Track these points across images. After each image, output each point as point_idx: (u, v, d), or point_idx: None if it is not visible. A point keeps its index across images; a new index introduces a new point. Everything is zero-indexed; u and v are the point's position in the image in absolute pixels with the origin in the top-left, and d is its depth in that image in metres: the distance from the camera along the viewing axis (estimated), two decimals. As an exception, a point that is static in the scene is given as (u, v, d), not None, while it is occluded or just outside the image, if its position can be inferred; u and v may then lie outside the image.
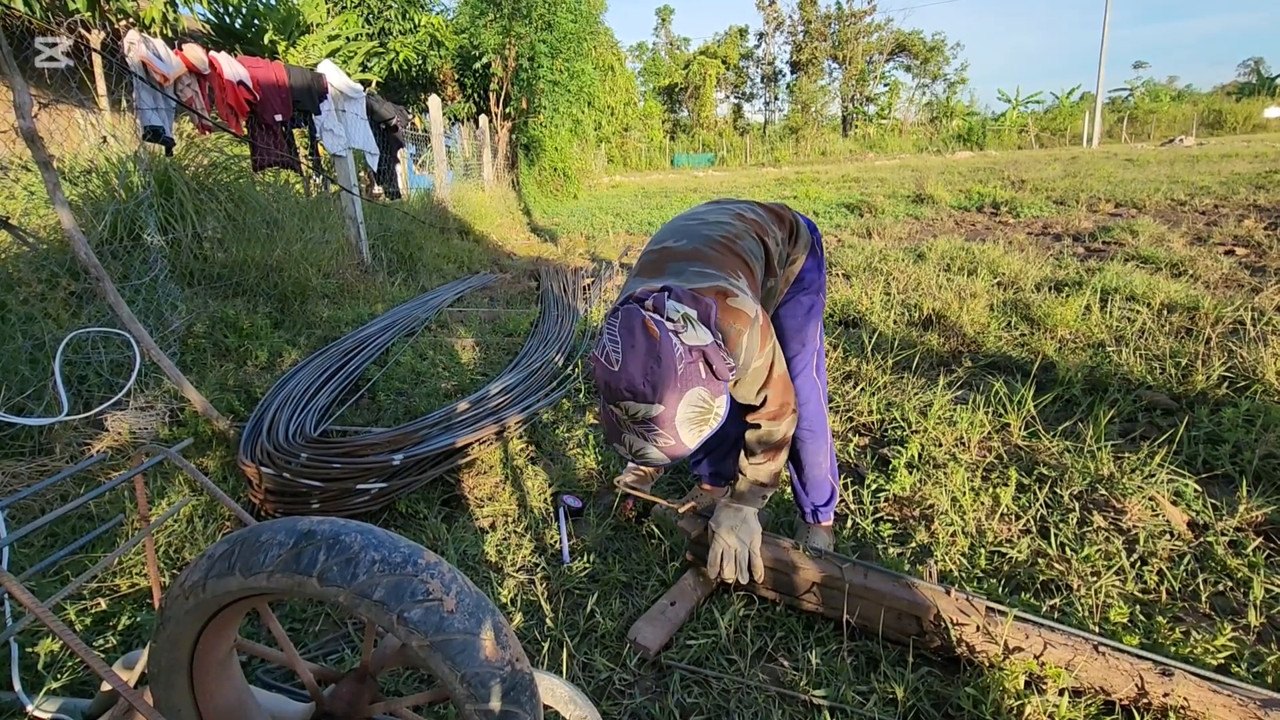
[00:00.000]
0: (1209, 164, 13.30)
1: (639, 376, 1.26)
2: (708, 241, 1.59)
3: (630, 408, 1.29)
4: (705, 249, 1.57)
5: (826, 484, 1.96)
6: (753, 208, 1.79)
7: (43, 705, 1.43)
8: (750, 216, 1.73)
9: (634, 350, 1.27)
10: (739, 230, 1.65)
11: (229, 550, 0.91)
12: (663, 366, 1.26)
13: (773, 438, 1.64)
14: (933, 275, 5.01)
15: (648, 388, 1.26)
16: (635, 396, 1.27)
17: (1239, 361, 3.00)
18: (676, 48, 48.01)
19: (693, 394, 1.30)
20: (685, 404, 1.29)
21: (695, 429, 1.33)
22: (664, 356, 1.26)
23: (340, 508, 2.24)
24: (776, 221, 1.79)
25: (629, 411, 1.30)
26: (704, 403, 1.32)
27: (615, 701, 1.53)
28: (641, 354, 1.26)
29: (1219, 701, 1.28)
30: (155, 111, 4.03)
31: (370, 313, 4.79)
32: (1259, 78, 43.01)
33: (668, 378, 1.27)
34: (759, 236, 1.68)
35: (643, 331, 1.28)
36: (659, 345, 1.27)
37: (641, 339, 1.27)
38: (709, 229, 1.64)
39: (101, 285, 2.49)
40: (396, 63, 12.88)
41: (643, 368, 1.26)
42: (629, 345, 1.27)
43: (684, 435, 1.32)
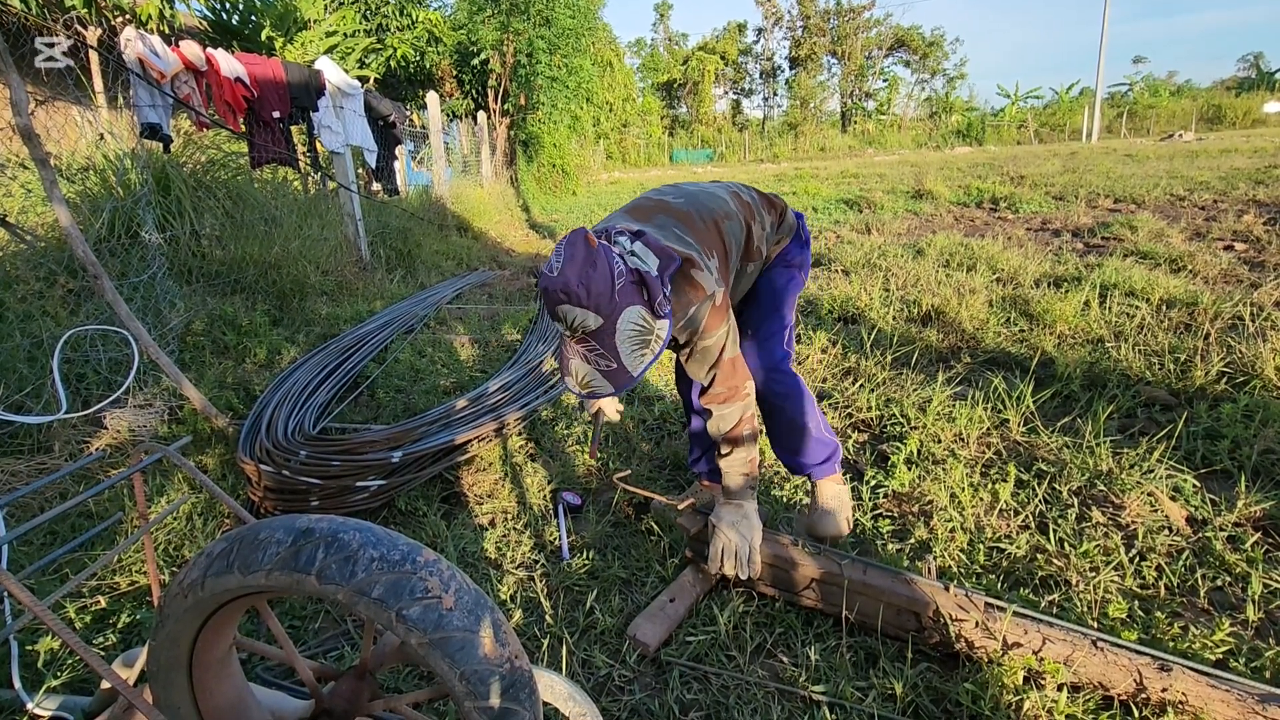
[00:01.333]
0: (1208, 159, 13.29)
1: (574, 279, 1.31)
2: (701, 213, 1.65)
3: (569, 314, 1.33)
4: (696, 219, 1.64)
5: (821, 441, 1.89)
6: (750, 191, 1.87)
7: (42, 703, 1.43)
8: (745, 199, 1.81)
9: (572, 259, 1.33)
10: (730, 211, 1.71)
11: (228, 548, 0.90)
12: (597, 272, 1.33)
13: (725, 424, 1.66)
14: (932, 271, 5.01)
15: (581, 290, 1.31)
16: (570, 299, 1.31)
17: (1238, 357, 3.00)
18: (675, 43, 47.88)
19: (631, 311, 1.36)
20: (624, 320, 1.35)
21: (637, 351, 1.38)
22: (598, 265, 1.34)
23: (339, 505, 2.24)
24: (768, 207, 1.86)
25: (569, 320, 1.34)
26: (644, 321, 1.38)
27: (615, 698, 1.54)
28: (579, 261, 1.33)
29: (1217, 696, 1.28)
30: (153, 109, 4.02)
31: (369, 310, 4.79)
32: (1258, 73, 42.96)
33: (601, 285, 1.33)
34: (746, 221, 1.75)
35: (583, 244, 1.35)
36: (595, 254, 1.35)
37: (581, 249, 1.34)
38: (707, 200, 1.71)
39: (100, 283, 2.49)
40: (394, 59, 12.85)
41: (578, 272, 1.32)
42: (569, 256, 1.34)
43: (625, 356, 1.37)
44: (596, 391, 1.41)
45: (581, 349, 1.39)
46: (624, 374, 1.39)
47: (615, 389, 1.41)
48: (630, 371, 1.39)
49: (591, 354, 1.38)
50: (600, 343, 1.36)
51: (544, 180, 14.92)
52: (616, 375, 1.39)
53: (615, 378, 1.39)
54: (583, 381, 1.42)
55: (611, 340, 1.36)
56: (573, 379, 1.43)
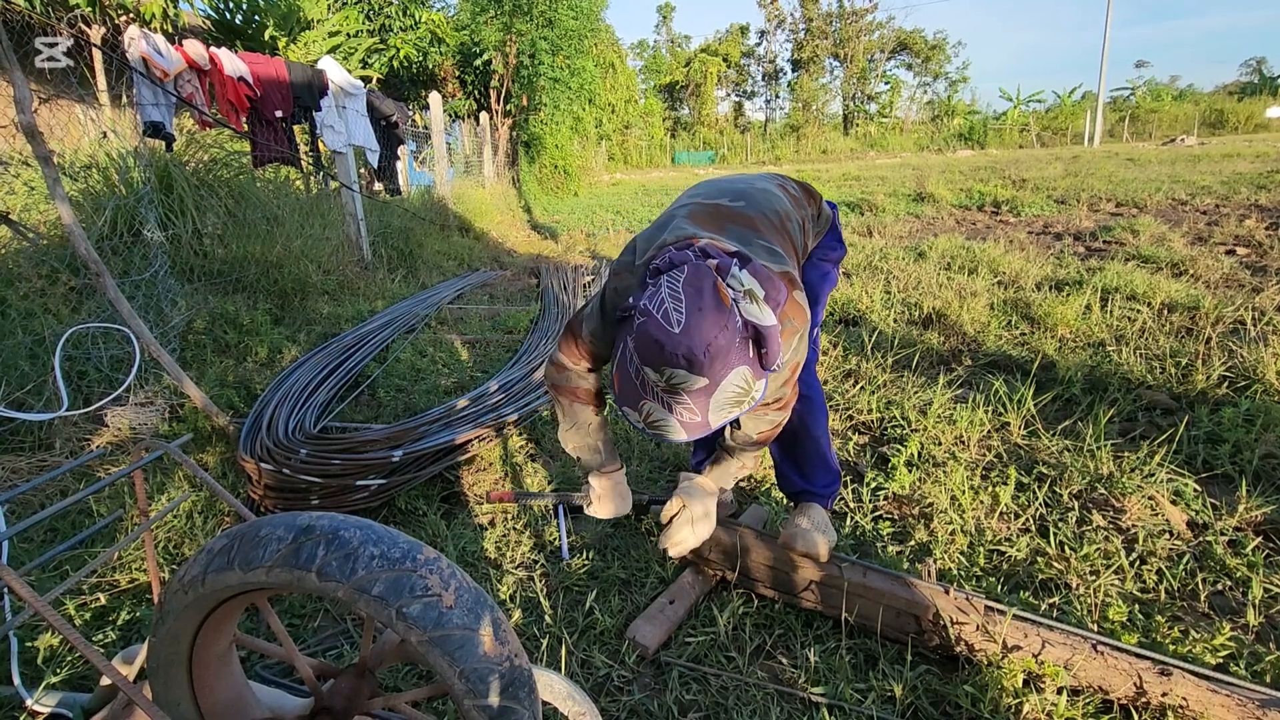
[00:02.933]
0: (1210, 163, 13.29)
1: (700, 345, 1.10)
2: (768, 215, 1.48)
3: (675, 375, 1.13)
4: (765, 224, 1.46)
5: (827, 467, 1.79)
6: (789, 182, 1.70)
7: (42, 699, 1.43)
8: (791, 191, 1.64)
9: (700, 314, 1.11)
10: (788, 210, 1.55)
11: (228, 545, 0.91)
12: (726, 334, 1.12)
13: (764, 427, 1.56)
14: (933, 274, 5.00)
15: (706, 359, 1.11)
16: (691, 366, 1.11)
17: (1239, 361, 3.00)
18: (677, 45, 47.94)
19: (738, 373, 1.16)
20: (729, 381, 1.16)
21: (728, 410, 1.20)
22: (729, 326, 1.13)
23: (340, 504, 2.24)
24: (808, 199, 1.71)
25: (669, 379, 1.14)
26: (745, 384, 1.18)
27: (614, 698, 1.53)
28: (709, 320, 1.11)
29: (1217, 701, 1.28)
30: (155, 107, 4.03)
31: (370, 309, 4.79)
32: (1261, 77, 42.98)
33: (725, 349, 1.12)
34: (800, 216, 1.60)
35: (713, 295, 1.13)
36: (728, 316, 1.13)
37: (711, 303, 1.12)
38: (766, 199, 1.53)
39: (101, 281, 2.49)
40: (397, 59, 12.86)
41: (706, 336, 1.11)
42: (695, 307, 1.12)
43: (713, 414, 1.19)
44: (662, 436, 1.24)
45: (668, 399, 1.19)
46: (703, 426, 1.21)
47: (687, 437, 1.23)
48: (710, 425, 1.21)
49: (677, 404, 1.18)
50: (694, 400, 1.17)
51: (546, 181, 14.93)
52: (695, 427, 1.21)
53: (692, 429, 1.21)
54: (651, 422, 1.23)
55: (706, 399, 1.17)
56: (637, 415, 1.24)
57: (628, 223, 10.31)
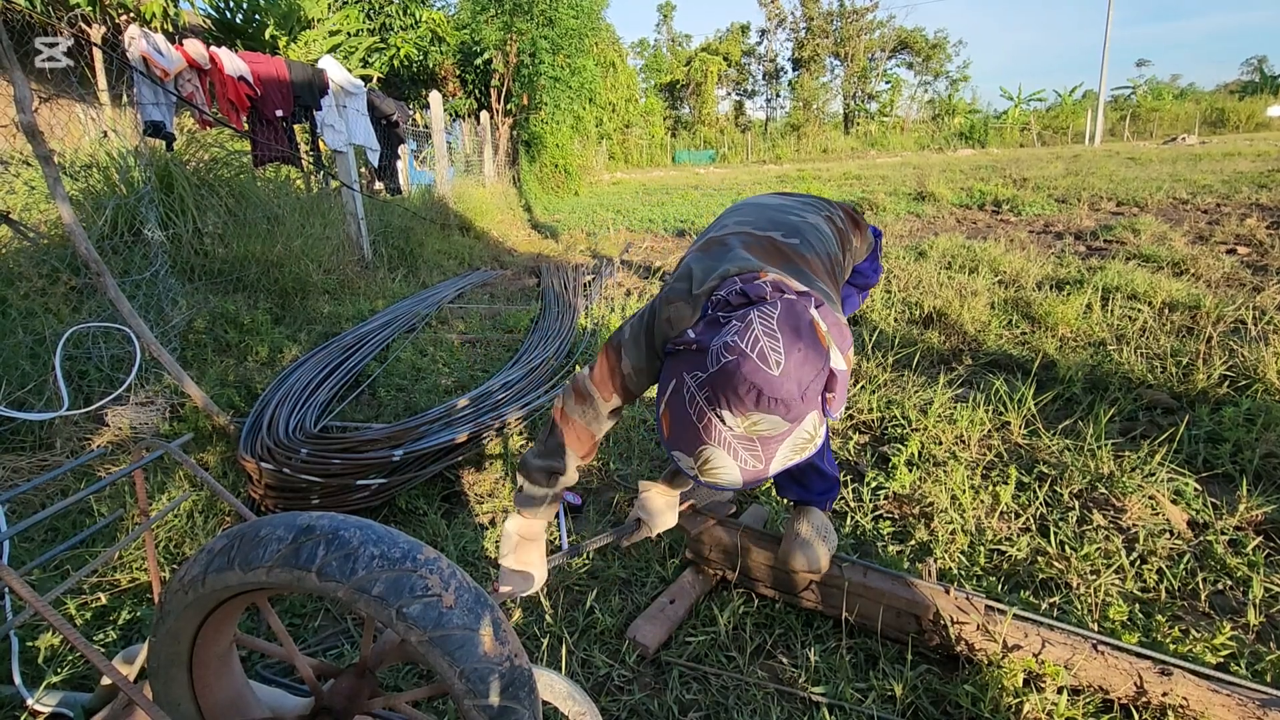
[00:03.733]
0: (1211, 163, 13.27)
1: (798, 390, 1.01)
2: (819, 256, 1.39)
3: (763, 424, 1.03)
4: (817, 264, 1.37)
5: (823, 474, 1.76)
6: (837, 213, 1.59)
7: (43, 699, 1.43)
8: (838, 224, 1.54)
9: (801, 355, 1.02)
10: (837, 252, 1.45)
11: (228, 545, 0.90)
12: (817, 379, 1.04)
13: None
14: (934, 273, 5.00)
15: (800, 405, 1.02)
16: (787, 412, 1.02)
17: (1240, 361, 3.00)
18: (678, 44, 47.90)
19: (811, 418, 1.08)
20: (801, 428, 1.07)
21: (791, 457, 1.11)
22: (822, 369, 1.05)
23: (340, 503, 2.24)
24: (854, 230, 1.61)
25: (754, 424, 1.04)
26: (813, 430, 1.10)
27: (614, 698, 1.54)
28: (809, 360, 1.03)
29: (1218, 700, 1.28)
30: (156, 106, 4.03)
31: (371, 309, 4.79)
32: (1262, 76, 42.88)
33: (813, 395, 1.05)
34: (844, 254, 1.50)
35: (812, 335, 1.05)
36: (825, 359, 1.05)
37: (810, 345, 1.04)
38: (815, 236, 1.43)
39: (102, 280, 2.49)
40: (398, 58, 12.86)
41: (804, 376, 1.02)
42: (794, 348, 1.02)
43: (777, 460, 1.10)
44: (715, 482, 1.12)
45: (737, 445, 1.08)
46: (763, 474, 1.11)
47: (744, 485, 1.13)
48: (770, 473, 1.12)
49: (746, 452, 1.09)
50: (764, 447, 1.08)
51: (546, 180, 14.92)
52: (756, 475, 1.11)
53: (753, 476, 1.11)
54: (705, 469, 1.11)
55: (777, 446, 1.08)
56: (691, 461, 1.12)
57: (628, 222, 10.31)
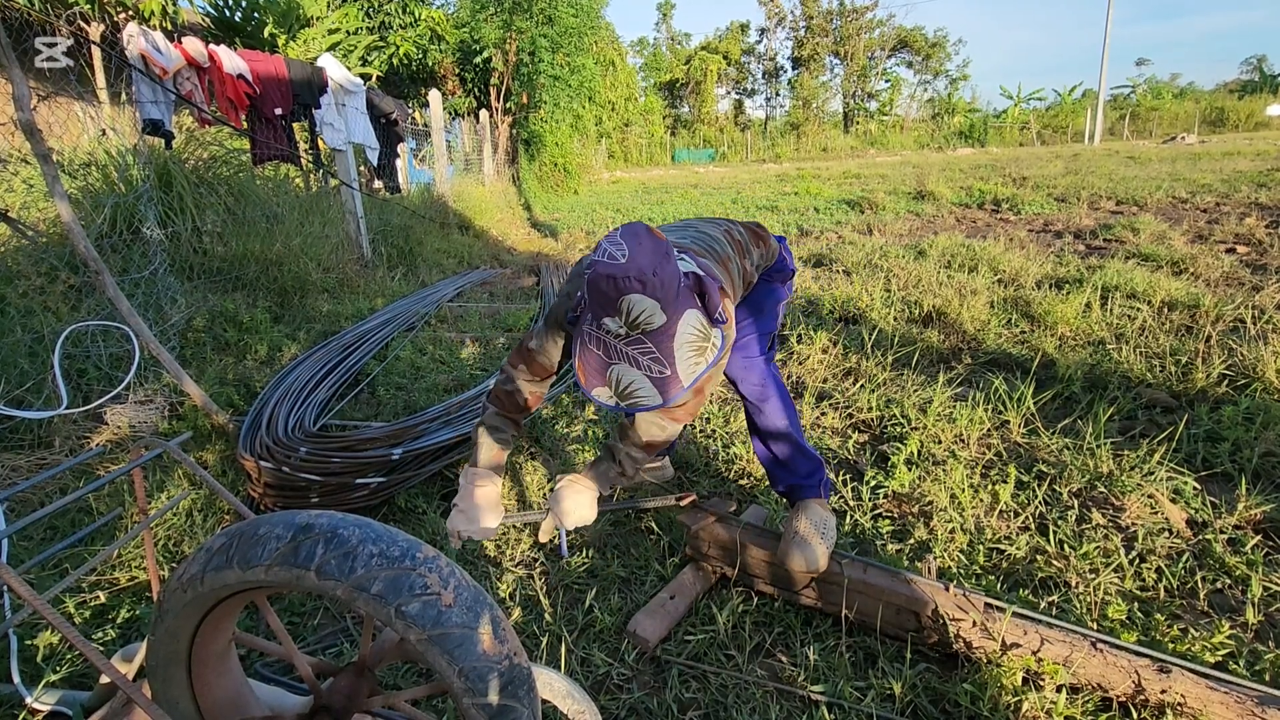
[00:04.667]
0: (1211, 162, 13.28)
1: (648, 266, 1.18)
2: (710, 253, 1.58)
3: (636, 305, 1.19)
4: (710, 256, 1.56)
5: (805, 454, 1.80)
6: (739, 228, 1.80)
7: (42, 697, 1.43)
8: (736, 236, 1.74)
9: (640, 245, 1.21)
10: (730, 253, 1.66)
11: (227, 543, 0.90)
12: (670, 266, 1.21)
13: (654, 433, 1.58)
14: (933, 272, 5.00)
15: (655, 279, 1.18)
16: (644, 286, 1.18)
17: (1239, 360, 3.00)
18: (678, 43, 47.86)
19: (691, 314, 1.25)
20: (685, 323, 1.24)
21: (693, 358, 1.27)
22: (670, 257, 1.23)
23: (339, 502, 2.24)
24: (755, 241, 1.80)
25: (633, 314, 1.20)
26: (702, 328, 1.27)
27: (613, 696, 1.54)
28: (648, 249, 1.21)
29: (1216, 699, 1.28)
30: (154, 105, 4.02)
31: (370, 307, 4.79)
32: (1261, 75, 42.92)
33: (671, 278, 1.21)
34: (741, 261, 1.70)
35: (649, 234, 1.24)
36: (665, 246, 1.23)
37: (647, 238, 1.23)
38: (710, 241, 1.64)
39: (101, 279, 2.49)
40: (397, 57, 12.85)
41: (651, 260, 1.19)
42: (635, 243, 1.21)
43: (681, 362, 1.25)
44: (637, 404, 1.27)
45: (633, 350, 1.24)
46: (675, 382, 1.26)
47: (664, 400, 1.27)
48: (682, 380, 1.26)
49: (644, 357, 1.24)
50: (658, 344, 1.23)
51: (546, 179, 14.91)
52: (668, 383, 1.26)
53: (666, 386, 1.26)
54: (624, 391, 1.27)
55: (670, 343, 1.23)
56: (608, 389, 1.28)
57: (627, 220, 10.29)
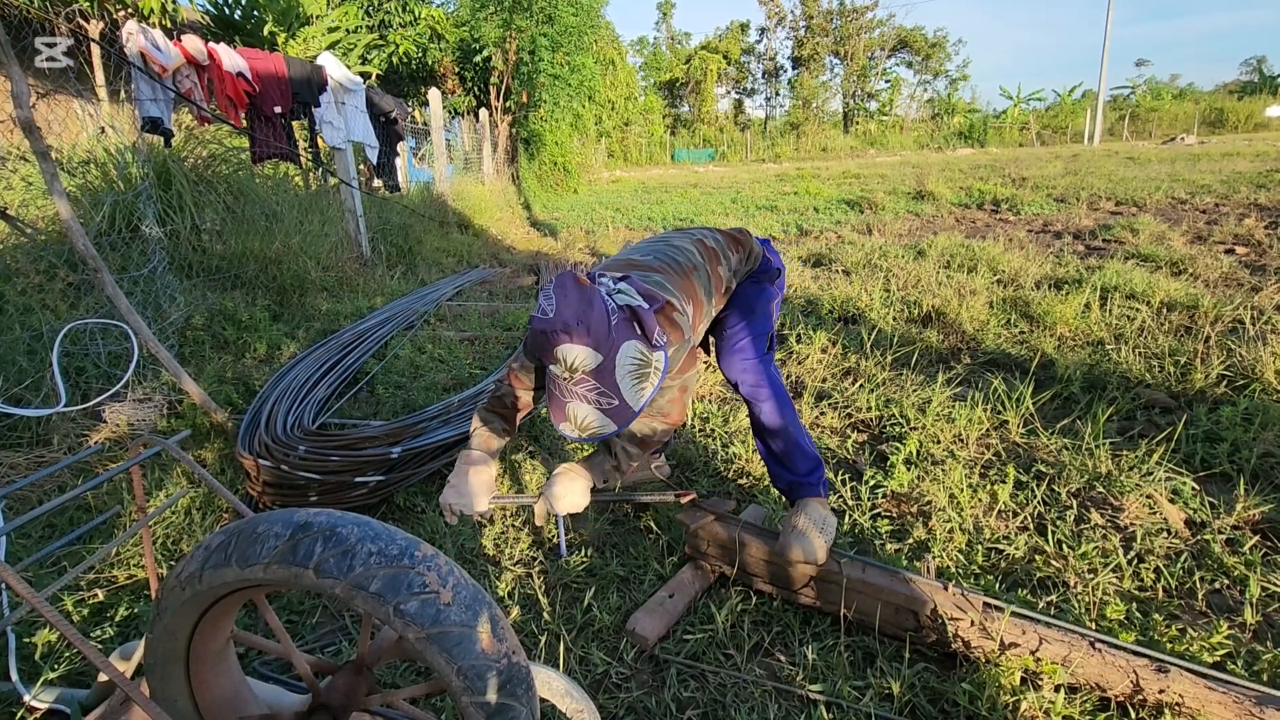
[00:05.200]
0: (1210, 162, 13.28)
1: (571, 317, 1.32)
2: (672, 266, 1.70)
3: (568, 353, 1.33)
4: (668, 269, 1.68)
5: (804, 453, 1.84)
6: (714, 235, 1.89)
7: (40, 695, 1.43)
8: (710, 245, 1.84)
9: (565, 298, 1.35)
10: (697, 263, 1.76)
11: (225, 541, 0.90)
12: (594, 311, 1.34)
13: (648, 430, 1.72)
14: (933, 272, 5.00)
15: (580, 327, 1.32)
16: (571, 335, 1.32)
17: (1238, 360, 3.00)
18: (678, 42, 47.85)
19: (629, 346, 1.38)
20: (622, 355, 1.37)
21: (636, 384, 1.40)
22: (594, 303, 1.36)
23: (338, 500, 2.24)
24: (733, 246, 1.90)
25: (568, 361, 1.34)
26: (641, 355, 1.40)
27: (612, 695, 1.54)
28: (573, 301, 1.35)
29: (1214, 698, 1.28)
30: (154, 102, 4.02)
31: (369, 306, 4.79)
32: (1261, 76, 42.94)
33: (598, 321, 1.34)
34: (712, 269, 1.80)
35: (574, 284, 1.38)
36: (589, 292, 1.37)
37: (572, 289, 1.37)
38: (674, 253, 1.75)
39: (100, 276, 2.49)
40: (396, 55, 12.84)
41: (574, 310, 1.33)
42: (561, 296, 1.36)
43: (626, 391, 1.39)
44: (599, 433, 1.42)
45: (581, 389, 1.38)
46: (626, 410, 1.40)
47: (618, 426, 1.41)
48: (632, 407, 1.40)
49: (591, 392, 1.38)
50: (600, 380, 1.37)
51: (545, 178, 14.91)
52: (619, 412, 1.39)
53: (618, 415, 1.40)
54: (583, 425, 1.41)
55: (612, 377, 1.37)
56: (570, 424, 1.42)
57: (627, 220, 10.30)
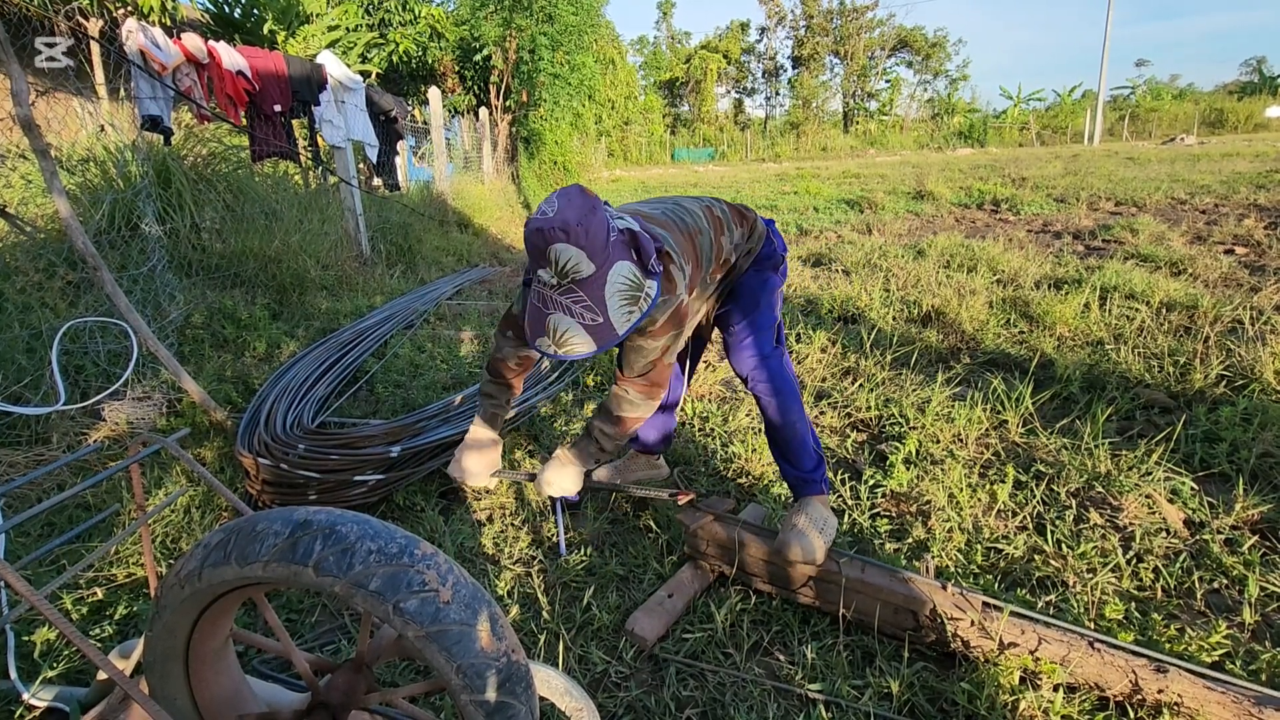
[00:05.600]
0: (1210, 163, 13.29)
1: (573, 218, 1.28)
2: (678, 224, 1.67)
3: (563, 255, 1.28)
4: (674, 226, 1.64)
5: (807, 449, 1.83)
6: (721, 205, 1.87)
7: (39, 693, 1.43)
8: (716, 213, 1.82)
9: (569, 202, 1.32)
10: (703, 226, 1.73)
11: (225, 539, 0.90)
12: (596, 218, 1.31)
13: (626, 409, 1.65)
14: (932, 272, 5.00)
15: (580, 229, 1.28)
16: (569, 236, 1.27)
17: (1237, 360, 3.00)
18: (678, 42, 47.82)
19: (623, 265, 1.35)
20: (615, 272, 1.33)
21: (625, 306, 1.35)
22: (597, 212, 1.32)
23: (337, 499, 2.24)
24: (738, 220, 1.87)
25: (562, 263, 1.29)
26: (634, 277, 1.36)
27: (611, 694, 1.54)
28: (577, 206, 1.31)
29: (1213, 698, 1.28)
30: (153, 101, 4.01)
31: (369, 305, 4.78)
32: (1261, 77, 42.95)
33: (599, 230, 1.31)
34: (716, 236, 1.77)
35: (580, 192, 1.34)
36: (593, 200, 1.34)
37: (578, 197, 1.33)
38: (682, 214, 1.72)
39: (99, 275, 2.49)
40: (396, 54, 12.82)
41: (577, 214, 1.29)
42: (566, 201, 1.32)
43: (613, 311, 1.34)
44: (574, 350, 1.35)
45: (566, 300, 1.33)
46: (609, 330, 1.34)
47: (598, 347, 1.35)
48: (616, 328, 1.35)
49: (577, 305, 1.32)
50: (589, 293, 1.32)
51: (545, 177, 14.88)
52: (601, 330, 1.34)
53: (600, 333, 1.34)
54: (560, 339, 1.35)
55: (601, 292, 1.32)
56: (548, 339, 1.36)
57: (627, 219, 10.29)
